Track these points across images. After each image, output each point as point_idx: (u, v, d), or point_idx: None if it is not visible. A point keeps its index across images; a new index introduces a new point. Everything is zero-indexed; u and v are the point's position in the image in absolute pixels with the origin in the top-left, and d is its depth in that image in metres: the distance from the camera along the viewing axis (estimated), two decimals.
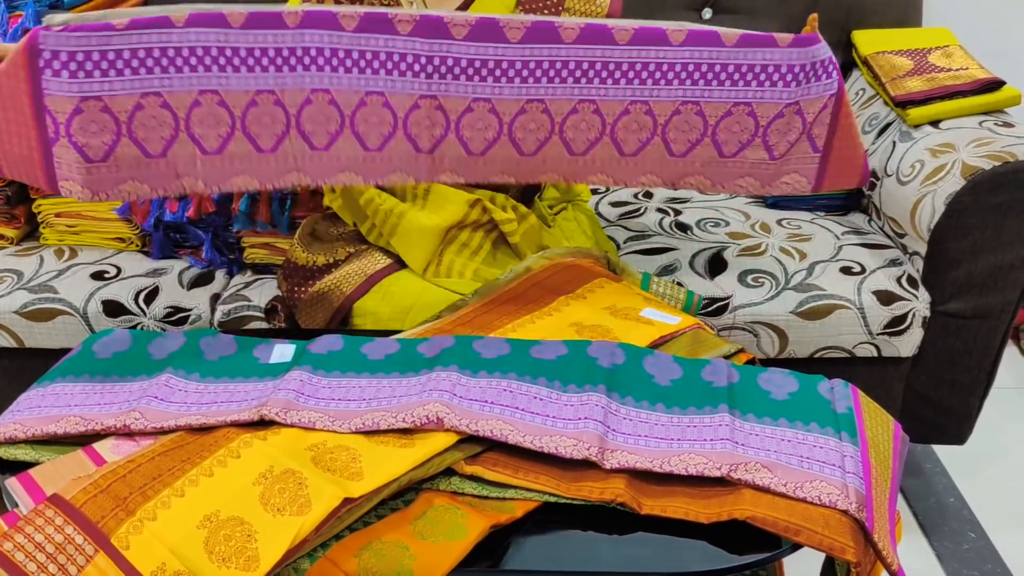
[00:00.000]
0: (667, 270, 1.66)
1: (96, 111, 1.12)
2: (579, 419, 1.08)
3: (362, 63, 1.16)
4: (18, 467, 1.06)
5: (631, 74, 1.19)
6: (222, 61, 1.14)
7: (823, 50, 1.21)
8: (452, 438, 1.05)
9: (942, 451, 2.04)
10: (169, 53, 1.13)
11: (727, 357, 1.22)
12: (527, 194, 1.56)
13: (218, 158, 1.19)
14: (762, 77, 1.20)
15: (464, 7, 1.43)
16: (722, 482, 1.01)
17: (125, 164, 1.16)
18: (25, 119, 1.12)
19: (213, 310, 1.64)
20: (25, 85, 1.10)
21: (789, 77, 1.20)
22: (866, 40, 1.98)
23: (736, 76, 1.20)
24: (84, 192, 1.14)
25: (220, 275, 1.73)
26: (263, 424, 1.09)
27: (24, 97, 1.11)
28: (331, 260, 1.45)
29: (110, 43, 1.11)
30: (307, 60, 1.16)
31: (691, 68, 1.19)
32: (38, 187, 1.21)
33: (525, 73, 1.18)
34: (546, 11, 1.46)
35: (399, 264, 1.48)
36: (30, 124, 1.12)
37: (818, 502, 0.97)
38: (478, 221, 1.45)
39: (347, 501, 0.95)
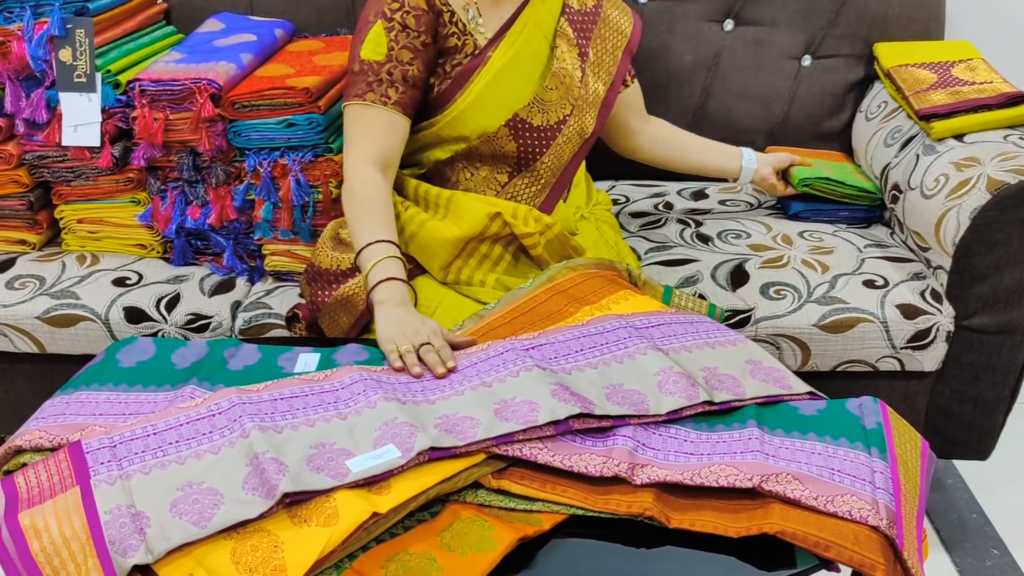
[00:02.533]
0: (688, 281, 1.66)
1: None
2: (608, 436, 1.07)
3: None
4: None
5: None
6: None
7: None
8: (480, 455, 1.05)
9: (964, 466, 2.03)
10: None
11: None
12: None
13: None
14: None
15: (519, 10, 1.50)
16: (751, 496, 1.01)
17: None
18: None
19: (234, 317, 1.64)
20: None
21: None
22: (888, 53, 1.97)
23: None
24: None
25: (241, 282, 1.73)
26: None
27: None
28: (355, 264, 1.44)
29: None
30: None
31: None
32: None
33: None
34: (585, 27, 1.53)
35: (420, 269, 1.48)
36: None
37: (848, 517, 0.96)
38: (498, 234, 1.45)
39: (374, 515, 0.95)
